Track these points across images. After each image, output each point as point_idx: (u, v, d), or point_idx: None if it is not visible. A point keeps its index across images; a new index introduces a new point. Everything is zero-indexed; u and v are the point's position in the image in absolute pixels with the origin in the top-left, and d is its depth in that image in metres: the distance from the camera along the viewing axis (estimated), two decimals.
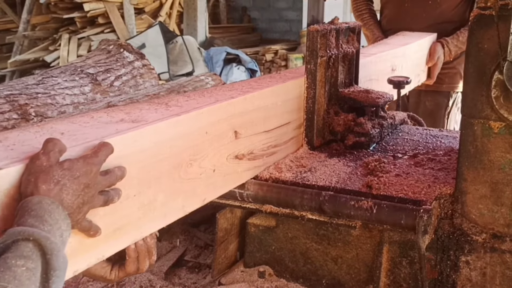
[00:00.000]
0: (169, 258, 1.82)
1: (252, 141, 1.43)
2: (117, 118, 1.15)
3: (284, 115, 1.59)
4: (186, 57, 7.06)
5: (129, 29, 7.55)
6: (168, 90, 3.03)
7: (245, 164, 1.42)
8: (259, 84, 1.55)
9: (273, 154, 1.56)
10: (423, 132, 1.93)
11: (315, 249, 1.57)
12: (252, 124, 1.42)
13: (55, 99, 2.73)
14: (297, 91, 1.68)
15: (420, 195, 1.39)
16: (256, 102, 1.44)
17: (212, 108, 1.28)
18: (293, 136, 1.66)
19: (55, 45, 7.86)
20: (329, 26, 1.74)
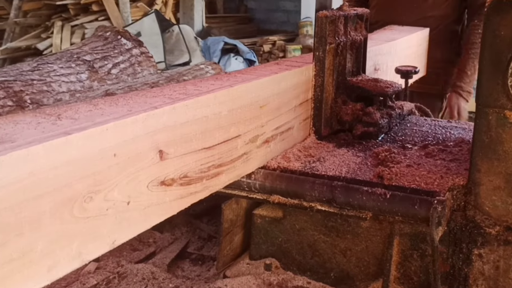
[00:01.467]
0: (171, 250, 1.78)
1: (186, 161, 1.13)
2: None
3: (231, 127, 1.27)
4: (182, 47, 6.98)
5: (124, 17, 7.46)
6: (167, 78, 2.98)
7: (176, 191, 1.12)
8: (198, 88, 1.25)
9: (218, 175, 1.25)
10: (431, 123, 1.89)
11: (323, 241, 1.53)
12: (186, 140, 1.13)
13: (51, 86, 2.67)
14: (253, 96, 1.35)
15: (433, 186, 1.35)
16: (191, 112, 1.13)
17: (123, 122, 0.97)
18: (245, 151, 1.35)
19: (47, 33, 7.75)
20: (338, 12, 1.69)
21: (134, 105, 1.07)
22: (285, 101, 1.50)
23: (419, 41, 2.63)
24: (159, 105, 1.08)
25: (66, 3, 7.59)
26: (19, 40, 7.83)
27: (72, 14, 7.63)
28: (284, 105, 1.50)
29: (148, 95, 1.15)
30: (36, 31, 7.83)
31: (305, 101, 1.63)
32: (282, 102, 1.48)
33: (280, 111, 1.48)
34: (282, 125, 1.51)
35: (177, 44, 6.92)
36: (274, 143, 1.48)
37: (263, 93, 1.39)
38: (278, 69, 1.51)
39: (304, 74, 1.60)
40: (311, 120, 1.68)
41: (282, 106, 1.49)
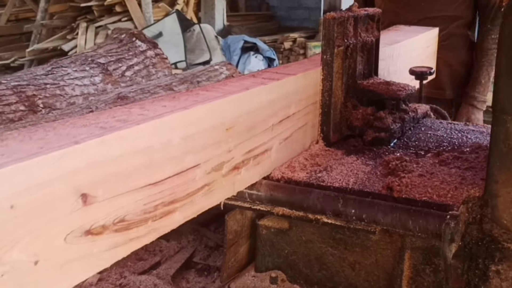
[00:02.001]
0: (177, 260, 1.72)
1: (122, 203, 0.94)
2: None
3: (187, 156, 1.08)
4: (203, 46, 6.97)
5: (146, 17, 7.48)
6: (180, 80, 2.93)
7: (108, 239, 0.93)
8: (144, 111, 1.05)
9: (170, 214, 1.06)
10: (447, 126, 1.80)
11: (331, 253, 1.46)
12: (121, 178, 0.94)
13: (64, 90, 2.65)
14: (215, 117, 1.16)
15: (446, 199, 1.27)
16: (128, 144, 0.94)
17: (26, 165, 0.79)
18: (207, 182, 1.15)
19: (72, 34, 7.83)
20: (347, 13, 1.62)
21: (52, 139, 0.88)
22: (259, 120, 1.30)
23: (427, 42, 2.46)
24: (82, 138, 0.88)
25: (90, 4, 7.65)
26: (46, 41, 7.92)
27: (96, 16, 7.68)
28: (259, 125, 1.30)
29: (78, 124, 0.97)
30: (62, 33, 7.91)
31: (286, 118, 1.42)
32: (255, 121, 1.29)
33: (253, 132, 1.28)
34: (257, 148, 1.31)
35: (198, 43, 6.90)
36: (246, 169, 1.28)
37: (230, 114, 1.20)
38: (251, 84, 1.32)
39: (283, 87, 1.40)
40: (319, 126, 1.61)
41: (256, 126, 1.29)
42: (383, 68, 1.96)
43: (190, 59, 6.85)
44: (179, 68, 6.55)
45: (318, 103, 1.58)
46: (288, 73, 1.45)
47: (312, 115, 1.56)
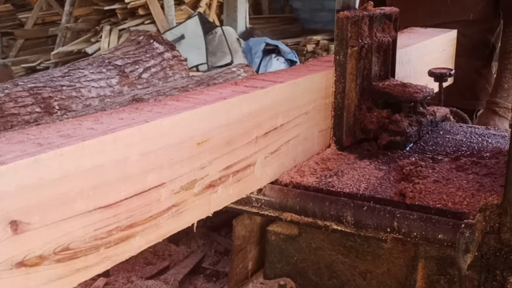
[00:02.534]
0: (185, 265, 1.69)
1: (66, 229, 0.83)
2: None
3: (148, 175, 0.97)
4: (225, 48, 6.95)
5: (169, 20, 7.50)
6: (197, 82, 2.90)
7: (48, 271, 0.82)
8: (95, 125, 0.94)
9: (128, 239, 0.95)
10: (467, 130, 1.73)
11: (342, 262, 1.41)
12: (63, 202, 0.83)
13: (80, 92, 2.64)
14: (184, 131, 1.05)
15: (462, 206, 1.21)
16: (70, 164, 0.83)
17: None
18: (175, 202, 1.03)
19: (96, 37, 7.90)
20: (361, 12, 1.56)
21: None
22: (240, 132, 1.18)
23: (443, 46, 2.28)
24: (12, 158, 0.76)
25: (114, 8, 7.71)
26: (70, 44, 8.01)
27: (120, 19, 7.74)
28: (239, 138, 1.18)
29: (14, 140, 0.84)
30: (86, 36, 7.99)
31: (272, 130, 1.29)
32: (235, 134, 1.16)
33: (233, 146, 1.16)
34: (237, 163, 1.18)
35: (219, 45, 6.89)
36: (223, 186, 1.15)
37: (202, 127, 1.08)
38: (230, 93, 1.20)
39: (268, 97, 1.27)
40: (331, 130, 1.56)
41: (236, 139, 1.17)
42: None
43: (211, 61, 6.84)
44: (200, 71, 6.54)
45: (312, 113, 1.45)
46: (275, 81, 1.33)
47: (305, 126, 1.43)
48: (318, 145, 1.52)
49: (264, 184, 1.32)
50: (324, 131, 1.54)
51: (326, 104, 1.52)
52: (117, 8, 7.63)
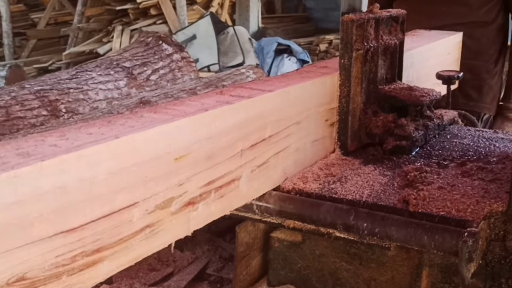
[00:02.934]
0: (189, 272, 1.68)
1: (22, 257, 0.77)
2: None
3: (118, 194, 0.89)
4: (237, 48, 6.94)
5: (181, 20, 7.50)
6: (205, 84, 2.89)
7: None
8: (59, 142, 0.86)
9: (95, 265, 0.87)
10: (474, 134, 1.70)
11: (346, 269, 1.39)
12: (19, 227, 0.76)
13: (88, 95, 2.64)
14: (159, 146, 0.97)
15: (466, 214, 1.18)
16: (25, 186, 0.76)
17: None
18: (149, 223, 0.95)
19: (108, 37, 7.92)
20: (367, 15, 1.54)
21: None
22: (223, 145, 1.10)
23: (448, 49, 2.18)
24: None
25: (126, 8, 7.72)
26: (82, 44, 8.04)
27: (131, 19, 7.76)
28: (223, 151, 1.10)
29: None
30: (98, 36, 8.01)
31: (260, 142, 1.22)
32: (218, 147, 1.09)
33: (215, 160, 1.09)
34: (220, 178, 1.11)
35: (231, 45, 6.87)
36: (205, 203, 1.08)
37: (181, 140, 1.01)
38: (214, 103, 1.12)
39: (255, 107, 1.19)
40: (336, 134, 1.54)
41: (219, 153, 1.09)
42: None
43: (223, 61, 6.83)
44: (212, 71, 6.53)
45: (304, 122, 1.38)
46: (263, 90, 1.25)
47: (296, 137, 1.35)
48: (312, 156, 1.45)
49: (251, 199, 1.26)
50: (319, 141, 1.46)
51: (320, 113, 1.44)
52: (129, 8, 7.65)
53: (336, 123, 1.53)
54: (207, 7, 7.87)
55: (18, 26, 8.75)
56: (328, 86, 1.48)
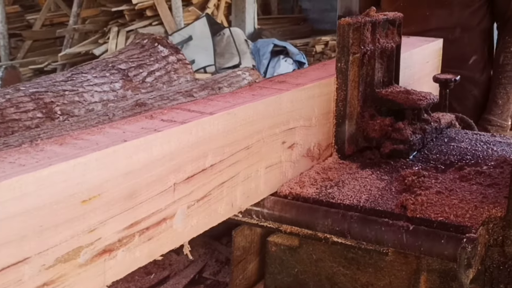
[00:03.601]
0: (185, 275, 1.67)
1: None
2: None
3: (4, 249, 0.75)
4: (233, 50, 6.93)
5: (177, 21, 7.49)
6: (201, 86, 2.88)
7: None
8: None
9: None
10: (472, 137, 1.69)
11: (343, 274, 1.38)
12: None
13: (83, 97, 2.63)
14: (60, 187, 0.81)
15: (464, 219, 1.18)
16: None
17: None
18: (47, 280, 0.80)
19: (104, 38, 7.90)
20: (364, 18, 1.53)
21: None
22: (148, 180, 0.95)
23: (427, 57, 2.05)
24: None
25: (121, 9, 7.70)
26: (78, 46, 8.02)
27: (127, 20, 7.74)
28: (148, 187, 0.95)
29: None
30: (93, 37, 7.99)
31: (199, 172, 1.06)
32: (141, 183, 0.93)
33: (138, 198, 0.93)
34: (145, 219, 0.95)
35: (227, 47, 6.87)
36: (126, 249, 0.92)
37: (90, 179, 0.84)
38: (138, 131, 0.96)
39: (190, 134, 1.03)
40: (333, 138, 1.53)
41: (142, 190, 0.94)
42: None
43: (219, 63, 6.82)
44: (208, 72, 6.52)
45: (255, 147, 1.21)
46: (203, 112, 1.09)
47: (245, 164, 1.19)
48: (267, 184, 1.28)
49: (189, 238, 1.09)
50: (275, 166, 1.30)
51: (275, 135, 1.28)
52: (124, 10, 7.63)
53: (295, 145, 1.37)
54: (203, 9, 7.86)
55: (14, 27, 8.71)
56: (285, 104, 1.30)
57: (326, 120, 1.50)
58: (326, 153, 1.53)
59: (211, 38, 6.95)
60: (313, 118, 1.44)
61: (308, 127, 1.42)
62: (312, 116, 1.43)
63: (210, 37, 6.93)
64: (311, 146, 1.45)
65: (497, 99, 2.24)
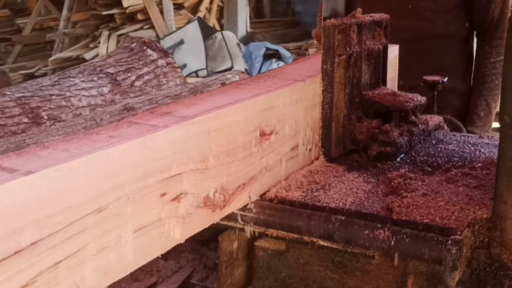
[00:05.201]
0: (173, 281, 1.65)
1: None
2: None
3: None
4: (225, 53, 6.93)
5: (168, 25, 7.48)
6: (191, 90, 2.87)
7: None
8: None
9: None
10: (460, 139, 1.68)
11: (330, 278, 1.37)
12: None
13: (70, 101, 2.61)
14: None
15: (450, 221, 1.17)
16: None
17: None
18: None
19: (95, 42, 7.88)
20: (349, 20, 1.52)
21: None
22: None
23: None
24: None
25: (112, 13, 7.69)
26: (68, 50, 7.99)
27: (118, 24, 7.72)
28: None
29: None
30: (84, 41, 7.96)
31: (12, 255, 0.77)
32: None
33: None
34: None
35: (219, 50, 6.86)
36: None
37: None
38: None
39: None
40: (320, 141, 1.52)
41: None
42: (282, 120, 1.35)
43: (211, 66, 6.81)
44: (200, 76, 6.51)
45: (115, 207, 0.93)
46: (15, 171, 0.81)
47: (98, 231, 0.91)
48: (138, 251, 0.99)
49: None
50: (151, 226, 1.01)
51: (149, 187, 0.98)
52: (115, 13, 7.61)
53: (182, 195, 1.06)
54: (194, 12, 7.85)
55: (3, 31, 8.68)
56: (162, 146, 1.00)
57: (231, 158, 1.17)
58: (238, 196, 1.23)
59: (203, 42, 6.95)
60: (211, 157, 1.11)
61: (204, 170, 1.10)
62: (208, 155, 1.11)
63: (202, 41, 6.93)
64: (210, 193, 1.13)
65: (478, 111, 2.19)
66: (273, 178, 1.36)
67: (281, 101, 1.34)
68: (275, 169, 1.36)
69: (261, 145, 1.28)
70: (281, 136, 1.36)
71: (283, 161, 1.39)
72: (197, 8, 7.94)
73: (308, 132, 1.48)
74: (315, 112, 1.50)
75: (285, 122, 1.37)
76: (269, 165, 1.33)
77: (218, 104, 1.18)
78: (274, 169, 1.36)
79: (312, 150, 1.51)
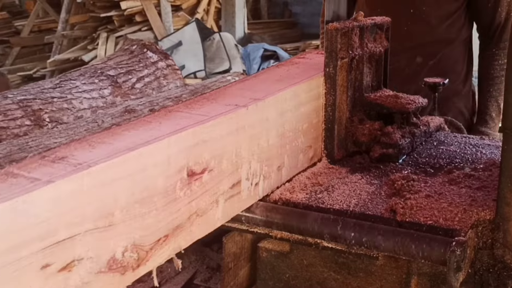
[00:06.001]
0: (176, 282, 1.66)
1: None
2: None
3: None
4: (223, 54, 6.93)
5: (166, 26, 7.48)
6: (191, 92, 2.88)
7: None
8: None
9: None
10: (461, 141, 1.70)
11: (334, 278, 1.38)
12: None
13: (72, 104, 2.61)
14: None
15: (453, 223, 1.18)
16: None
17: None
18: None
19: (93, 44, 7.88)
20: (351, 23, 1.53)
21: None
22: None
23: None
24: None
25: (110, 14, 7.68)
26: (67, 52, 7.99)
27: (116, 26, 7.72)
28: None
29: None
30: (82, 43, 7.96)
31: None
32: None
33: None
34: None
35: (217, 52, 6.87)
36: None
37: None
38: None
39: None
40: (323, 143, 1.53)
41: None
42: (220, 154, 1.14)
43: (209, 68, 6.82)
44: (198, 78, 6.52)
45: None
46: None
47: None
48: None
49: None
50: None
51: (24, 258, 0.78)
52: (113, 15, 7.61)
53: (75, 263, 0.86)
54: (192, 14, 7.86)
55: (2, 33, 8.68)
56: (42, 207, 0.81)
57: (146, 208, 0.98)
58: (159, 250, 1.07)
59: (201, 43, 6.96)
60: (117, 211, 0.92)
61: (106, 228, 0.91)
62: (113, 209, 0.91)
63: (200, 42, 6.94)
64: (118, 254, 0.94)
65: (490, 112, 2.20)
66: (206, 223, 1.13)
67: (217, 133, 1.12)
68: (210, 213, 1.13)
69: (190, 187, 1.05)
70: (217, 174, 1.13)
71: (221, 202, 1.16)
72: (195, 9, 7.94)
73: (254, 164, 1.24)
74: (262, 140, 1.26)
75: (222, 156, 1.13)
76: (200, 209, 1.09)
77: (131, 143, 0.97)
78: (208, 213, 1.13)
79: (260, 183, 1.28)
